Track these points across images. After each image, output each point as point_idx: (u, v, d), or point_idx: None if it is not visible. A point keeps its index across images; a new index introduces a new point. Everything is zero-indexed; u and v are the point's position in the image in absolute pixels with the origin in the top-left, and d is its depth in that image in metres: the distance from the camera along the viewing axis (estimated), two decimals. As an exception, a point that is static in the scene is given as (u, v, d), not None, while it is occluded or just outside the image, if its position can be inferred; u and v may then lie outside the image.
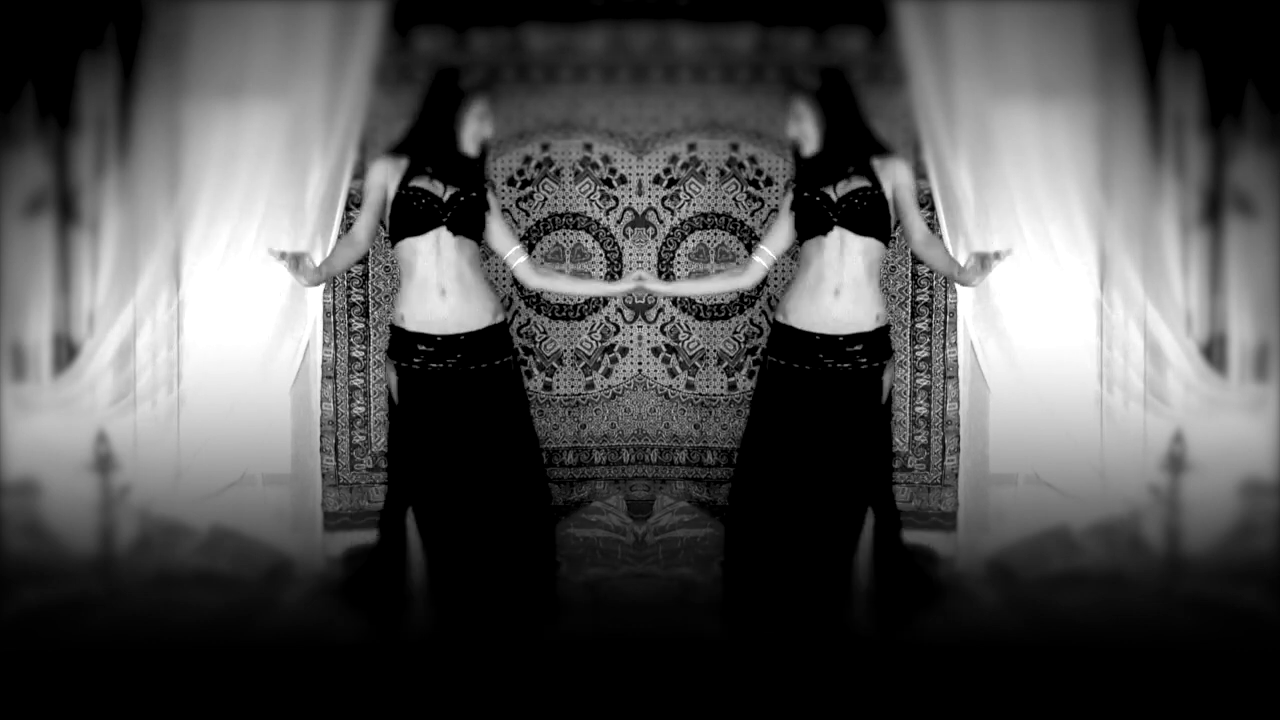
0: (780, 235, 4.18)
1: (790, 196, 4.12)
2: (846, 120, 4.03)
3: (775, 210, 4.53)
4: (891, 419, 4.25)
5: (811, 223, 4.03)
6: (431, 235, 3.99)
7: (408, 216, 3.99)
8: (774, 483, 4.09)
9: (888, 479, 4.23)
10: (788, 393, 4.09)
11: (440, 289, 3.99)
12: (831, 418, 4.05)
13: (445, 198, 3.99)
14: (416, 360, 4.02)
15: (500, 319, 4.11)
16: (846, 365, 4.03)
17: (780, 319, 4.13)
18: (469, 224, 4.03)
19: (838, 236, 4.01)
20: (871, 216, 4.01)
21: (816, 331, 4.04)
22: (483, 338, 4.05)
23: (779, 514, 4.07)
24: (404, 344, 4.05)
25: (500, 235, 4.16)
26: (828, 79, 4.11)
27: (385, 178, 4.04)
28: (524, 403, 4.20)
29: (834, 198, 4.00)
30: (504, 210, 4.21)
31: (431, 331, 4.01)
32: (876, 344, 4.07)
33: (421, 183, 4.00)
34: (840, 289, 4.01)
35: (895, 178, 4.06)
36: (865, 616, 4.10)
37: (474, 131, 4.05)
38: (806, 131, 4.05)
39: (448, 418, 4.04)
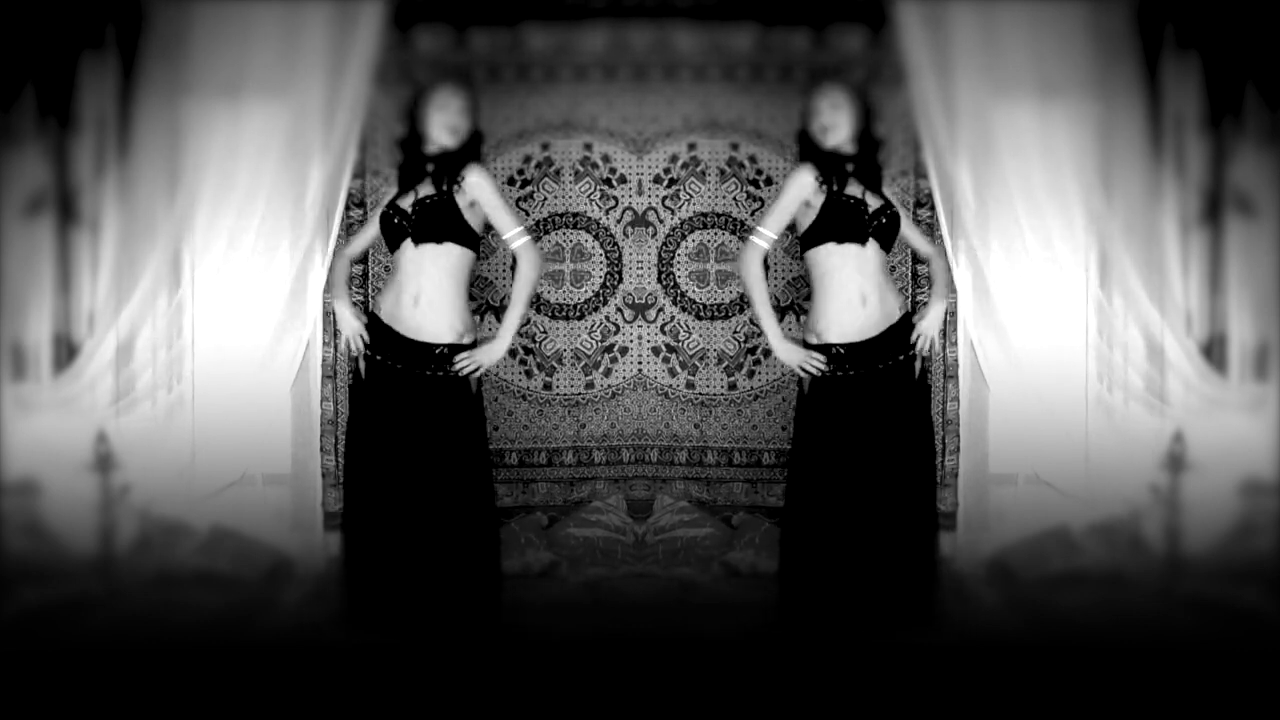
0: (779, 218, 4.05)
1: (802, 182, 3.98)
2: (872, 132, 4.07)
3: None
4: (930, 425, 4.19)
5: (847, 228, 3.96)
6: (406, 248, 3.99)
7: (385, 233, 4.05)
8: (827, 488, 4.01)
9: (930, 481, 4.13)
10: (832, 399, 4.02)
11: (414, 298, 3.98)
12: (877, 417, 4.01)
13: (409, 208, 3.99)
14: (380, 354, 4.01)
15: (469, 340, 4.03)
16: (888, 362, 4.02)
17: (814, 340, 4.03)
18: (433, 229, 3.95)
19: (863, 247, 3.99)
20: (894, 233, 4.06)
21: (852, 341, 3.99)
22: (446, 351, 4.01)
23: (834, 519, 4.00)
24: (374, 332, 4.05)
25: (499, 219, 4.05)
26: (862, 93, 4.14)
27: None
28: (479, 411, 4.10)
29: (869, 209, 3.99)
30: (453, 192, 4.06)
31: (399, 331, 4.01)
32: (905, 331, 4.08)
33: (400, 199, 4.04)
34: (867, 296, 4.00)
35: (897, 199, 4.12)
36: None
37: (441, 122, 3.99)
38: (839, 122, 4.00)
39: (402, 416, 4.00)
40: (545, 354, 4.91)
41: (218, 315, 4.49)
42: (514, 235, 4.06)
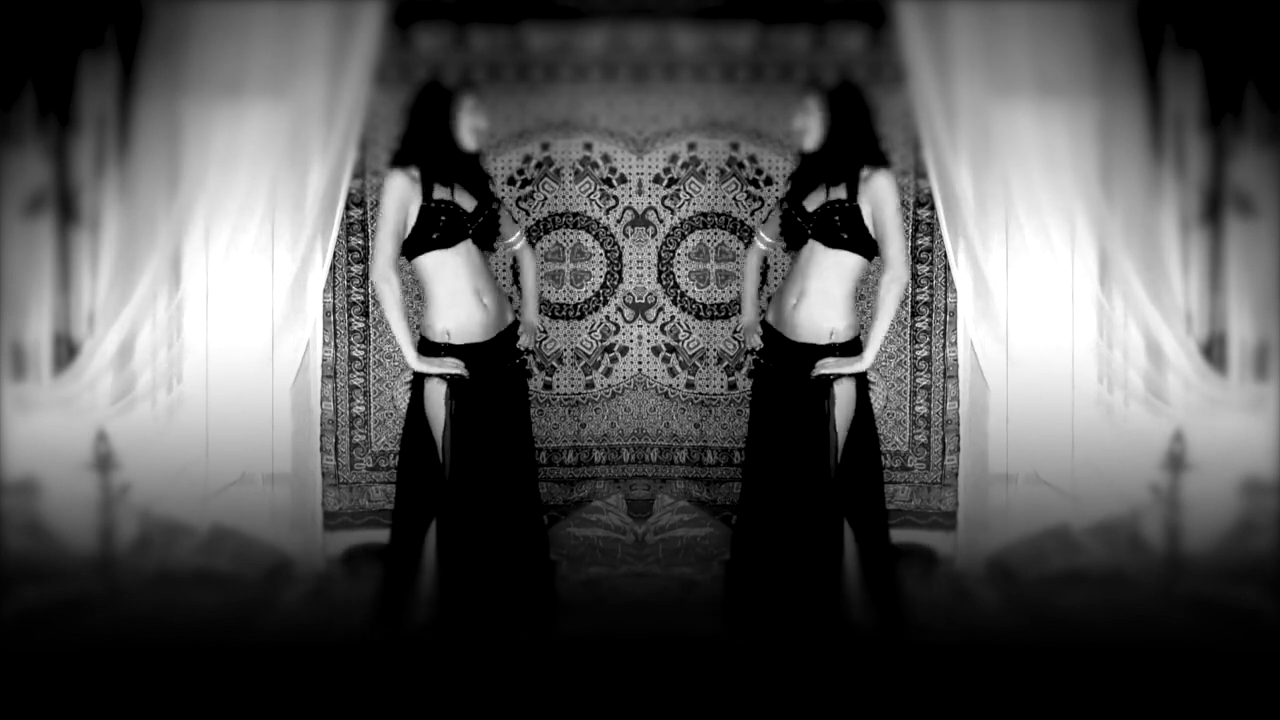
0: (771, 226, 4.23)
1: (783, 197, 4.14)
2: (849, 130, 3.95)
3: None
4: (875, 430, 4.11)
5: (791, 236, 4.05)
6: (460, 247, 3.94)
7: (434, 229, 3.91)
8: (761, 481, 4.08)
9: (873, 490, 4.08)
10: (764, 390, 4.11)
11: (477, 295, 3.97)
12: (793, 419, 4.03)
13: (470, 210, 3.96)
14: (466, 373, 3.98)
15: (514, 317, 4.15)
16: (800, 372, 4.00)
17: (764, 316, 4.18)
18: (490, 237, 4.04)
19: (810, 247, 3.99)
20: (842, 229, 3.93)
21: (775, 330, 4.06)
22: (507, 336, 4.06)
23: (768, 513, 4.06)
24: (459, 356, 3.97)
25: (509, 226, 4.23)
26: (844, 87, 4.03)
27: (406, 195, 3.89)
28: (528, 401, 4.23)
29: (809, 209, 3.98)
30: (502, 203, 4.22)
31: (476, 340, 3.97)
32: (821, 355, 3.98)
33: (445, 194, 3.92)
34: (801, 296, 3.98)
35: (874, 194, 3.90)
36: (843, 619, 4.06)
37: (469, 126, 3.96)
38: (810, 126, 3.98)
39: (488, 421, 4.02)
40: (545, 354, 4.92)
41: (218, 315, 4.49)
42: (518, 239, 4.27)
